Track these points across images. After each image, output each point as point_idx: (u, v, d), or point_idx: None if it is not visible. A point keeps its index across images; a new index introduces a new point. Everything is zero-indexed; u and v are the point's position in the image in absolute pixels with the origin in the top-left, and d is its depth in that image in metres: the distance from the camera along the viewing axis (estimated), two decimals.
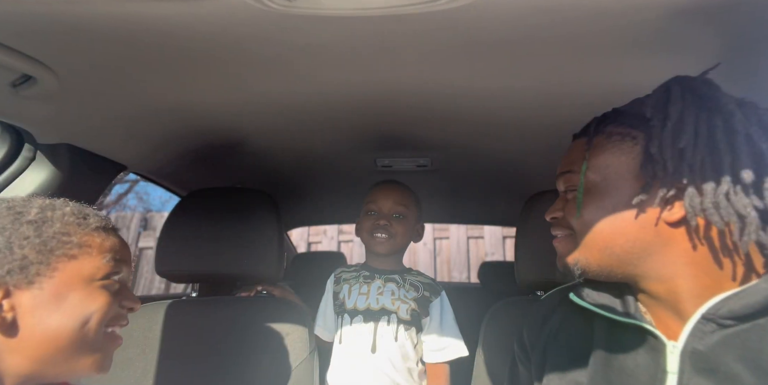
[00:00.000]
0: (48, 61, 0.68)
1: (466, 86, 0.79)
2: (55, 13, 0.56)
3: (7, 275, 0.49)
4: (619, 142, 0.58)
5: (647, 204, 0.55)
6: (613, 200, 0.57)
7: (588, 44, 0.64)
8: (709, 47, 0.65)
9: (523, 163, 1.27)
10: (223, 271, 1.04)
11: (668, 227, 0.54)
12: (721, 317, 0.50)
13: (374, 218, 1.16)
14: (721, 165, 0.51)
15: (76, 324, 0.51)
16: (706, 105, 0.54)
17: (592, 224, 0.58)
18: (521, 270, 1.02)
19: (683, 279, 0.54)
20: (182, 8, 0.54)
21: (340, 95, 0.84)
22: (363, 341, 1.06)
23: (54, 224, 0.53)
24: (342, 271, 1.22)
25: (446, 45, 0.65)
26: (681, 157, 0.52)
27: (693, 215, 0.52)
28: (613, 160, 0.58)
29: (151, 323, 0.98)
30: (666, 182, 0.53)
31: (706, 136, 0.52)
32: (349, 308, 1.10)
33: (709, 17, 0.58)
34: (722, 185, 0.50)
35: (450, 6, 0.53)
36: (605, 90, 0.78)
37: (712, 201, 0.51)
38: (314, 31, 0.60)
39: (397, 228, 1.15)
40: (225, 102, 0.88)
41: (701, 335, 0.52)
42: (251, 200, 1.09)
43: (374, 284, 1.14)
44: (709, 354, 0.50)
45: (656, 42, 0.64)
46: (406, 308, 1.09)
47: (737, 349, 0.49)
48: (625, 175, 0.57)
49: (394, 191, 1.18)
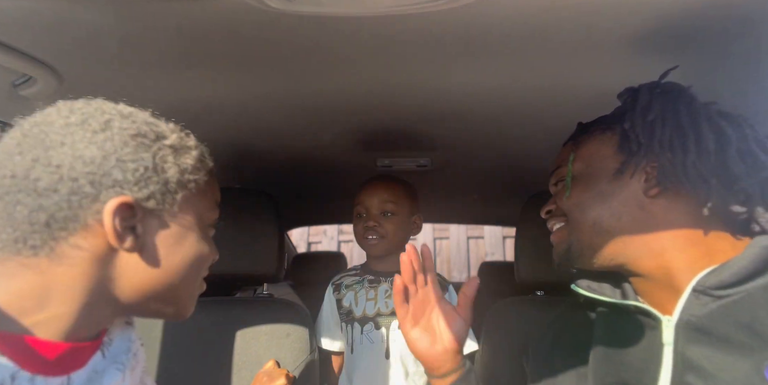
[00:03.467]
0: (48, 61, 0.68)
1: (466, 86, 0.79)
2: (56, 13, 0.56)
3: (150, 198, 0.45)
4: (600, 134, 0.66)
5: (627, 179, 0.61)
6: (597, 180, 0.63)
7: (588, 44, 0.65)
8: (708, 48, 0.65)
9: (523, 163, 1.27)
10: (223, 271, 1.04)
11: (650, 200, 0.60)
12: (711, 287, 0.53)
13: (363, 219, 1.12)
14: (686, 139, 0.57)
15: (193, 264, 0.50)
16: (670, 95, 0.61)
17: (581, 203, 0.64)
18: (521, 270, 1.02)
19: (671, 253, 0.58)
20: (182, 8, 0.54)
21: (340, 95, 0.84)
22: (376, 347, 1.03)
23: (190, 154, 0.50)
24: (342, 277, 1.17)
25: (446, 45, 0.65)
26: (651, 132, 0.59)
27: (666, 185, 0.58)
28: (595, 149, 0.65)
29: (151, 323, 0.98)
30: (641, 157, 0.59)
31: (671, 116, 0.59)
32: (359, 316, 1.06)
33: (709, 18, 0.58)
34: (689, 156, 0.57)
35: (450, 6, 0.53)
36: (605, 90, 0.78)
37: (681, 171, 0.57)
38: (314, 31, 0.60)
39: (387, 227, 1.09)
40: (225, 102, 0.88)
41: (694, 308, 0.54)
42: (251, 200, 1.09)
43: (381, 288, 1.09)
44: (701, 323, 0.53)
45: (656, 42, 0.64)
46: None
47: (729, 317, 0.51)
48: (606, 158, 0.63)
49: (378, 189, 1.13)
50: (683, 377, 0.52)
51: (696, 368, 0.52)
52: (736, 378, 0.48)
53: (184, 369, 0.93)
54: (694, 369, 0.52)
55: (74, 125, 0.44)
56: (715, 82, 0.75)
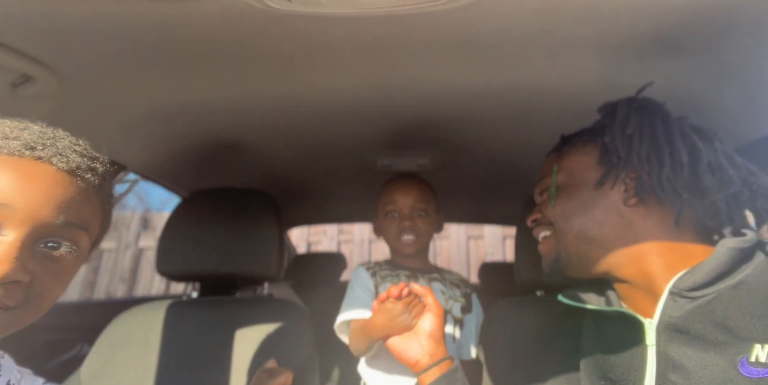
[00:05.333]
0: (48, 61, 0.68)
1: (466, 86, 0.79)
2: (55, 13, 0.56)
3: None
4: (582, 146, 0.70)
5: (608, 190, 0.65)
6: (579, 190, 0.67)
7: (587, 45, 0.65)
8: (707, 49, 0.65)
9: (523, 163, 1.27)
10: (223, 271, 1.04)
11: (629, 209, 0.64)
12: (686, 289, 0.56)
13: (397, 219, 1.11)
14: (661, 153, 0.61)
15: None
16: (647, 110, 0.65)
17: (565, 212, 0.68)
18: (521, 270, 1.02)
19: (650, 257, 0.62)
20: (182, 8, 0.54)
21: (340, 95, 0.84)
22: None
23: None
24: (374, 266, 1.14)
25: (446, 45, 0.65)
26: (630, 146, 0.63)
27: (643, 195, 0.62)
28: (577, 160, 0.69)
29: (151, 323, 0.98)
30: (620, 169, 0.64)
31: (648, 130, 0.63)
32: None
33: (707, 20, 0.58)
34: (664, 169, 0.61)
35: (450, 6, 0.53)
36: (605, 90, 0.78)
37: (657, 182, 0.61)
38: (314, 31, 0.60)
39: (422, 226, 1.10)
40: (225, 102, 0.88)
41: (672, 309, 0.57)
42: (251, 200, 1.09)
43: (420, 283, 1.08)
44: (679, 323, 0.56)
45: (655, 44, 0.64)
46: (459, 307, 1.06)
47: (703, 315, 0.55)
48: (588, 169, 0.68)
49: (411, 188, 1.12)
50: (666, 375, 0.55)
51: (677, 366, 0.54)
52: (714, 374, 0.51)
53: (183, 369, 0.93)
54: (675, 368, 0.55)
55: None
56: (715, 84, 0.75)
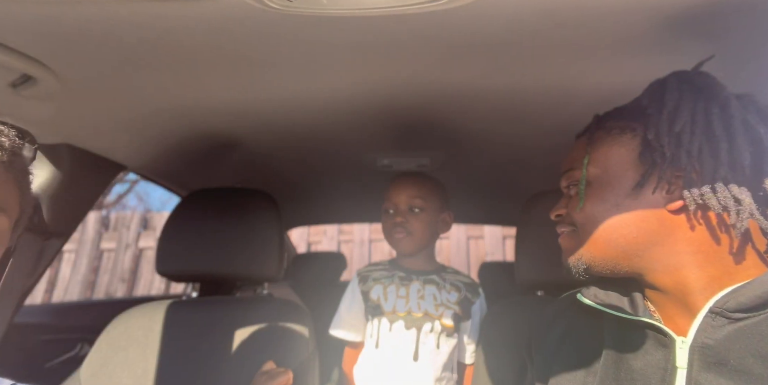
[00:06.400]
0: (48, 61, 0.68)
1: (466, 86, 0.79)
2: (55, 13, 0.56)
3: None
4: (619, 135, 0.59)
5: (648, 193, 0.55)
6: (614, 191, 0.57)
7: (588, 45, 0.64)
8: (708, 49, 0.65)
9: (523, 163, 1.27)
10: (223, 271, 1.04)
11: (670, 214, 0.55)
12: (729, 310, 0.50)
13: (391, 216, 1.10)
14: (718, 150, 0.51)
15: None
16: (703, 94, 0.54)
17: (594, 216, 0.58)
18: (521, 270, 1.02)
19: (689, 269, 0.54)
20: (182, 8, 0.54)
21: (340, 95, 0.84)
22: (405, 348, 1.00)
23: None
24: (369, 270, 1.14)
25: (446, 45, 0.65)
26: (678, 142, 0.53)
27: (692, 200, 0.52)
28: (613, 152, 0.59)
29: (151, 323, 0.98)
30: (665, 169, 0.54)
31: (702, 123, 0.53)
32: (388, 311, 1.03)
33: (709, 19, 0.58)
34: (720, 170, 0.51)
35: (450, 6, 0.53)
36: (605, 90, 0.78)
37: (710, 186, 0.51)
38: (314, 31, 0.60)
39: (414, 224, 1.07)
40: (225, 102, 0.88)
41: (710, 330, 0.51)
42: (251, 200, 1.09)
43: (413, 287, 1.06)
44: (718, 348, 0.50)
45: (656, 43, 0.64)
46: (450, 314, 1.03)
47: (747, 342, 0.48)
48: (625, 166, 0.58)
49: (406, 184, 1.11)
50: None
51: None
52: None
53: (183, 369, 0.93)
54: None
55: None
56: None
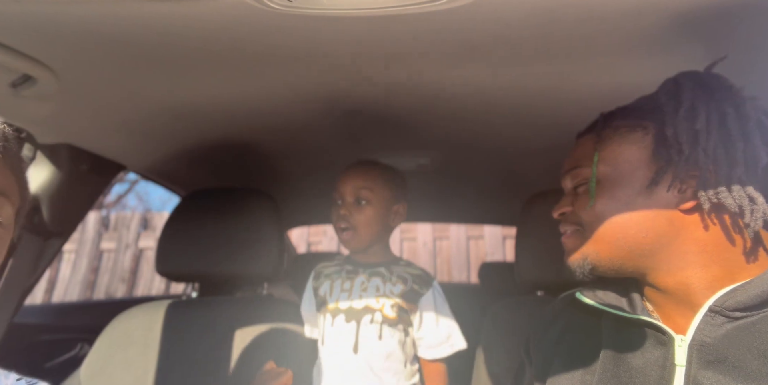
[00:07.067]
0: (48, 61, 0.68)
1: (466, 86, 0.79)
2: (55, 13, 0.56)
3: None
4: (629, 133, 0.59)
5: (661, 191, 0.55)
6: (625, 190, 0.57)
7: (588, 45, 0.64)
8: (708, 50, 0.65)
9: (523, 163, 1.27)
10: (223, 271, 1.04)
11: (681, 214, 0.55)
12: (728, 308, 0.50)
13: (337, 207, 1.01)
14: (734, 150, 0.52)
15: None
16: (717, 94, 0.54)
17: (604, 215, 0.57)
18: (521, 270, 1.02)
19: (694, 269, 0.54)
20: (182, 8, 0.54)
21: (340, 95, 0.84)
22: (345, 341, 0.97)
23: None
24: (323, 266, 1.11)
25: (446, 45, 0.65)
26: (696, 140, 0.53)
27: (706, 199, 0.52)
28: (624, 150, 0.58)
29: (151, 323, 0.98)
30: (680, 167, 0.54)
31: (718, 122, 0.53)
32: (331, 307, 0.99)
33: (709, 20, 0.58)
34: (736, 169, 0.51)
35: (450, 6, 0.53)
36: (605, 90, 0.78)
37: (726, 184, 0.51)
38: (314, 31, 0.60)
39: (358, 217, 0.98)
40: (225, 102, 0.88)
41: (709, 328, 0.51)
42: (251, 200, 1.09)
43: (357, 280, 1.01)
44: (716, 346, 0.50)
45: (656, 43, 0.64)
46: (391, 304, 0.97)
47: (745, 340, 0.49)
48: (637, 165, 0.57)
49: (353, 174, 1.01)
50: None
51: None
52: None
53: (184, 369, 0.93)
54: None
55: None
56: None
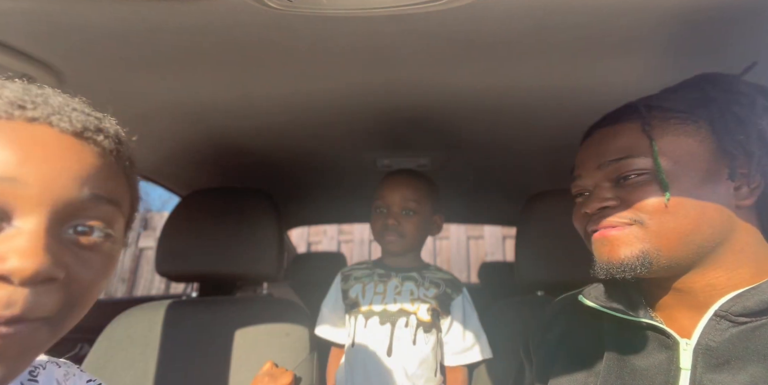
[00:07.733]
0: (48, 62, 0.68)
1: (466, 86, 0.79)
2: (56, 13, 0.56)
3: None
4: (681, 125, 0.56)
5: (727, 187, 0.54)
6: (693, 182, 0.54)
7: (587, 45, 0.64)
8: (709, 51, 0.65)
9: (523, 163, 1.27)
10: (223, 271, 1.04)
11: (738, 210, 0.54)
12: (734, 313, 0.50)
13: (383, 216, 1.07)
14: None
15: None
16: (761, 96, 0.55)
17: (677, 209, 0.53)
18: (521, 270, 1.02)
19: (724, 270, 0.53)
20: (182, 8, 0.54)
21: (340, 95, 0.84)
22: (378, 344, 0.99)
23: None
24: (352, 269, 1.14)
25: (446, 45, 0.65)
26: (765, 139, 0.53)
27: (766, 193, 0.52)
28: (681, 142, 0.55)
29: (151, 323, 0.98)
30: (742, 160, 0.53)
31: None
32: (364, 309, 1.02)
33: (708, 19, 0.58)
34: None
35: (450, 6, 0.53)
36: (605, 90, 0.78)
37: None
38: (314, 31, 0.60)
39: (407, 227, 1.05)
40: (225, 102, 0.88)
41: (714, 332, 0.51)
42: (251, 200, 1.09)
43: (391, 283, 1.05)
44: (721, 350, 0.50)
45: (656, 43, 0.64)
46: (426, 308, 1.00)
47: (750, 344, 0.49)
48: (698, 157, 0.55)
49: (401, 185, 1.07)
50: None
51: None
52: None
53: (183, 369, 0.93)
54: None
55: None
56: None
